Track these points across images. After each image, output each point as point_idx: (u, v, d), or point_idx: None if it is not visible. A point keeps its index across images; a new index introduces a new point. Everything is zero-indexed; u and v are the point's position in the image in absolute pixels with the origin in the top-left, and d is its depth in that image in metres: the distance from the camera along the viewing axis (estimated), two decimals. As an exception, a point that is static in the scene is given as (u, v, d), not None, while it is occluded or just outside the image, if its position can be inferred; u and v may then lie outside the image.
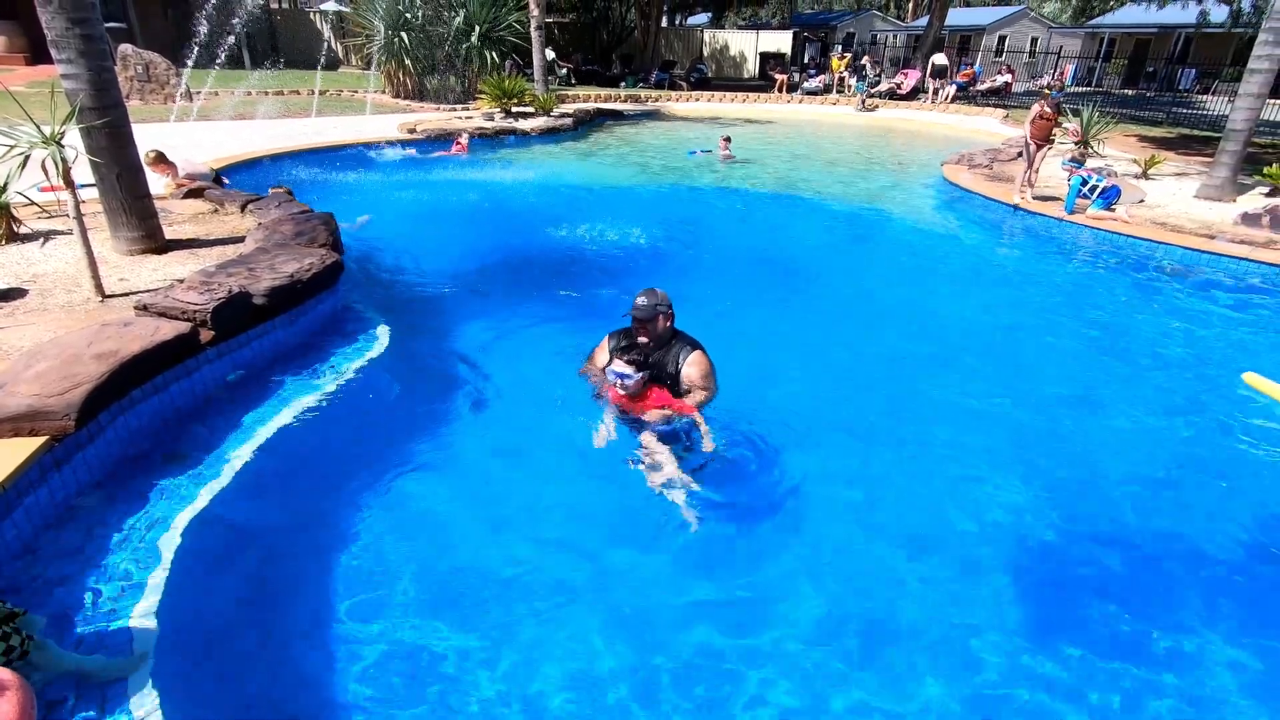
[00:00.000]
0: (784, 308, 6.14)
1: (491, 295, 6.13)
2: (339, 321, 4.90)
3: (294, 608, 2.78)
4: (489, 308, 5.80)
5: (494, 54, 17.42)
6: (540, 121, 14.81)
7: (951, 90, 21.26)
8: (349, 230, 6.73)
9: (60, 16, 4.51)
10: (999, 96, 22.45)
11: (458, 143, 12.22)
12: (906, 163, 13.97)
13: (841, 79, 23.35)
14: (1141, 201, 9.52)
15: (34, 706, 1.22)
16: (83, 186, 4.47)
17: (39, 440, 2.86)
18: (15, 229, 5.31)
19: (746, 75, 30.68)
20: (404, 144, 12.11)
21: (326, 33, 25.48)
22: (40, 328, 3.93)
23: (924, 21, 27.69)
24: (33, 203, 5.27)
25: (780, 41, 30.48)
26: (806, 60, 28.83)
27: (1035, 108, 9.31)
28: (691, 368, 3.61)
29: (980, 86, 23.19)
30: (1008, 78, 23.42)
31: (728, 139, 12.77)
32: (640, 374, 3.42)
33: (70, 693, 2.10)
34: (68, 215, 4.27)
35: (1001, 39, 31.91)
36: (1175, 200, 9.75)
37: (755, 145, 15.05)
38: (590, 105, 18.63)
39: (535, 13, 17.38)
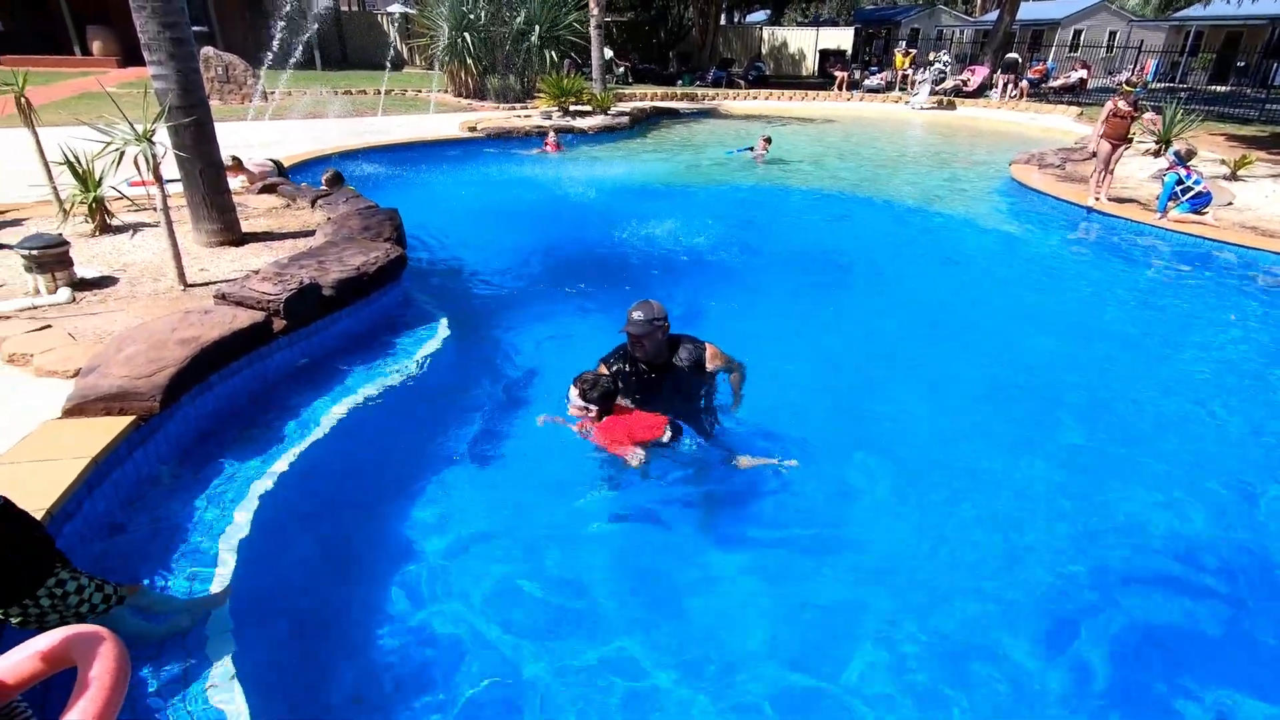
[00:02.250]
0: (836, 314, 5.97)
1: (546, 291, 6.21)
2: (401, 313, 5.04)
3: (353, 580, 2.88)
4: (543, 303, 5.88)
5: (553, 53, 17.65)
6: (597, 120, 14.92)
7: (1023, 86, 20.46)
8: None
9: (153, 21, 4.77)
10: (1073, 93, 21.51)
11: (548, 141, 12.39)
12: (972, 162, 13.51)
13: (905, 76, 22.74)
14: (1230, 204, 8.97)
15: (129, 662, 1.29)
16: (168, 182, 4.72)
17: (127, 419, 3.04)
18: (108, 221, 5.64)
19: (805, 73, 30.21)
20: (487, 141, 12.39)
21: (392, 34, 26.24)
22: (129, 314, 4.17)
23: (993, 16, 26.74)
24: (124, 196, 5.60)
25: (841, 38, 29.91)
26: (868, 57, 28.22)
27: (1109, 104, 8.79)
28: (716, 360, 3.57)
29: (1053, 83, 22.26)
30: (1082, 73, 22.40)
31: (768, 139, 12.57)
32: (594, 405, 3.22)
33: (152, 649, 2.22)
34: (155, 209, 4.52)
35: (1077, 33, 30.54)
36: (1269, 203, 9.15)
37: (812, 144, 14.80)
38: (647, 104, 18.67)
39: (595, 12, 17.51)
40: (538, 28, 17.31)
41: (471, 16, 16.81)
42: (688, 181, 11.12)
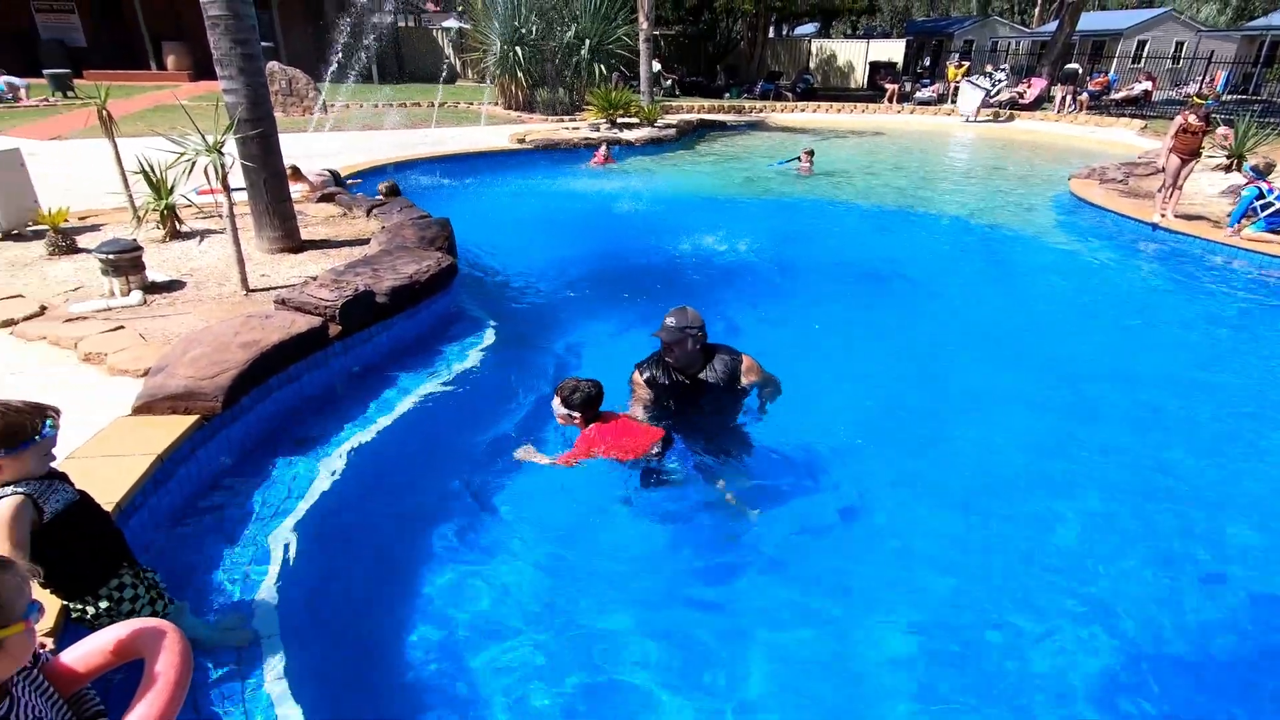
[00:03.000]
0: (881, 331, 5.76)
1: (591, 301, 6.25)
2: (451, 321, 5.14)
3: (404, 583, 2.92)
4: (588, 312, 5.91)
5: (602, 66, 17.87)
6: (644, 132, 15.02)
7: (1083, 99, 19.85)
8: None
9: (226, 38, 5.00)
10: (1136, 106, 20.76)
11: (598, 154, 12.54)
12: (1027, 176, 13.15)
13: (957, 88, 22.31)
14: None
15: (192, 657, 1.33)
16: (234, 190, 4.92)
17: (191, 418, 3.15)
18: (178, 227, 5.91)
19: (854, 85, 29.89)
20: (536, 153, 12.62)
21: (447, 49, 26.96)
22: (194, 316, 4.35)
23: (1051, 27, 26.05)
24: (192, 204, 5.86)
25: (891, 50, 29.53)
26: (920, 69, 27.78)
27: (1179, 119, 8.42)
28: (751, 374, 3.52)
29: (1115, 95, 21.52)
30: (1147, 85, 21.60)
31: (810, 152, 12.46)
32: (577, 412, 3.24)
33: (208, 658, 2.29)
34: (221, 216, 4.72)
35: (1141, 44, 29.50)
36: (1351, 221, 8.62)
37: (860, 157, 14.62)
38: (693, 116, 18.72)
39: (644, 26, 17.68)
40: (588, 41, 17.57)
41: (523, 31, 17.17)
42: (732, 193, 11.09)
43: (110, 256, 4.47)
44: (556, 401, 3.28)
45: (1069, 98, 19.85)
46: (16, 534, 1.74)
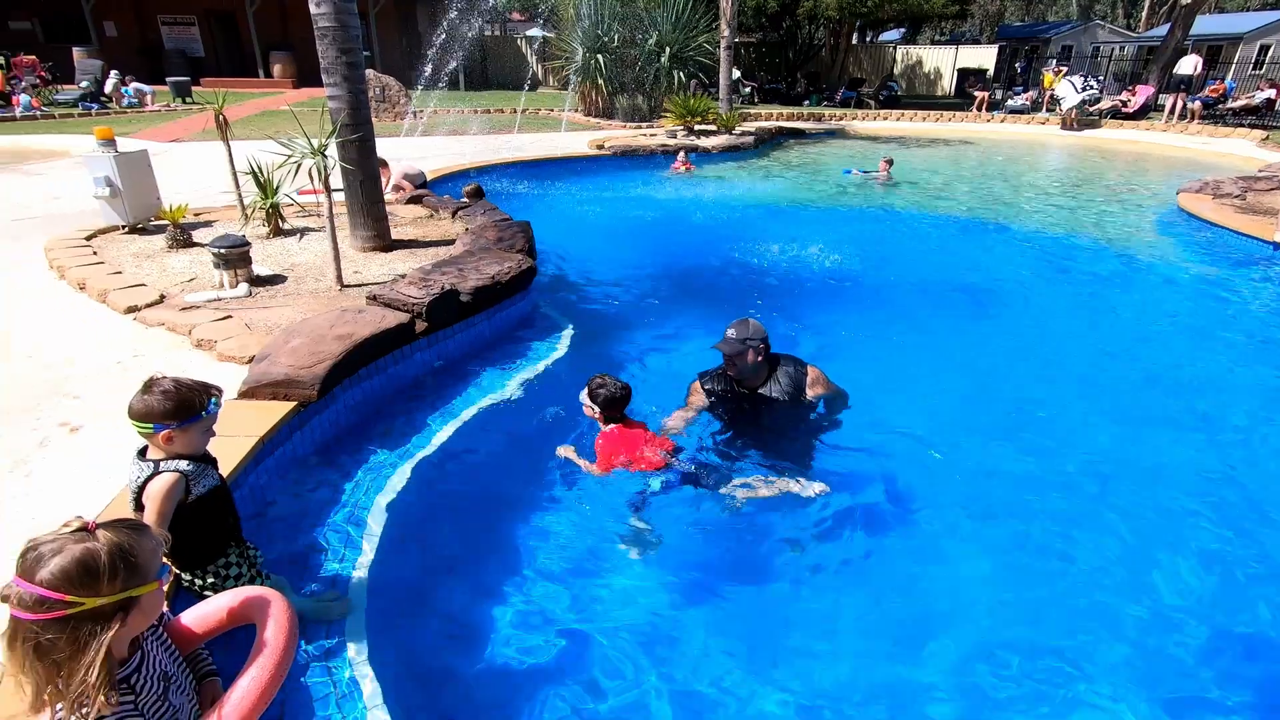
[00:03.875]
0: (959, 352, 5.44)
1: (666, 306, 6.27)
2: (529, 321, 5.27)
3: (481, 571, 3.01)
4: (663, 318, 5.93)
5: (681, 74, 17.97)
6: (721, 139, 14.99)
7: (1194, 108, 18.54)
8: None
9: (333, 47, 5.30)
10: (1257, 115, 19.20)
11: (679, 160, 12.62)
12: (1130, 189, 12.37)
13: (1052, 96, 21.22)
14: None
15: (298, 626, 1.42)
16: (333, 191, 5.20)
17: (290, 405, 3.35)
18: (280, 225, 6.30)
19: (941, 93, 28.95)
20: (614, 159, 12.84)
21: (530, 57, 27.71)
22: (293, 309, 4.62)
23: (1160, 31, 24.48)
24: (294, 203, 6.23)
25: (982, 57, 28.44)
26: (1012, 76, 26.63)
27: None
28: (817, 387, 3.42)
29: (1233, 104, 19.99)
30: (1269, 93, 19.94)
31: (889, 161, 12.10)
32: (596, 408, 3.33)
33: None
34: (319, 215, 5.00)
35: (1264, 49, 27.30)
36: None
37: (945, 167, 14.12)
38: (771, 124, 18.55)
39: (726, 33, 17.67)
40: (668, 49, 17.70)
41: (605, 39, 17.46)
42: (809, 202, 10.91)
43: (222, 251, 4.80)
44: (584, 393, 3.42)
45: (1179, 105, 18.57)
46: (165, 508, 1.91)
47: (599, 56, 17.55)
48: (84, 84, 17.88)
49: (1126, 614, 2.88)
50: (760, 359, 3.37)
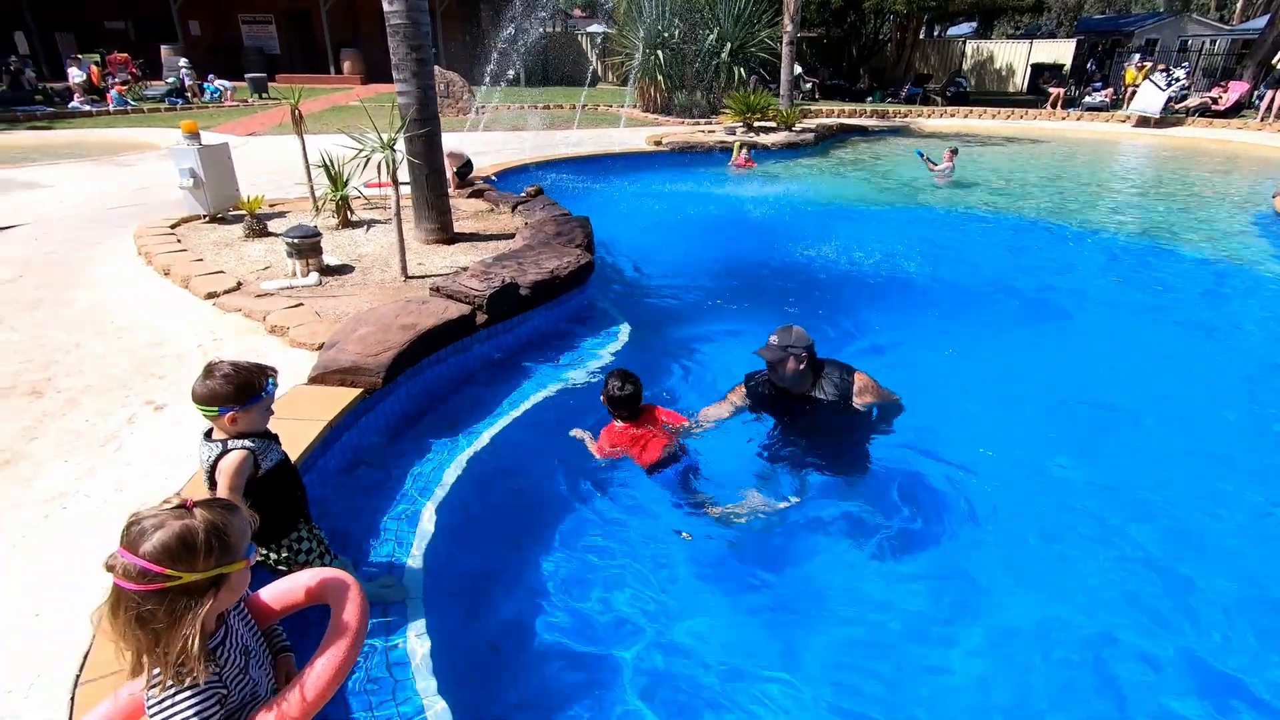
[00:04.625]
0: (1019, 359, 5.23)
1: (721, 303, 6.22)
2: (587, 316, 5.30)
3: (537, 557, 3.06)
4: (719, 315, 5.89)
5: (742, 70, 17.77)
6: (781, 136, 14.76)
7: (1293, 105, 17.29)
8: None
9: (404, 44, 5.43)
10: (1365, 113, 17.79)
11: (739, 157, 12.48)
12: (1219, 191, 11.64)
13: (1134, 91, 20.11)
14: None
15: (369, 609, 1.46)
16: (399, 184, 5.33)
17: (356, 391, 3.46)
18: (349, 217, 6.50)
19: (1013, 89, 27.82)
20: (672, 155, 12.83)
21: (590, 53, 27.87)
22: (360, 299, 4.76)
23: (1257, 24, 22.92)
24: (362, 195, 6.42)
25: (1058, 51, 27.17)
26: (1090, 70, 25.38)
27: None
28: (866, 394, 3.31)
29: (1338, 101, 18.56)
30: (1381, 90, 18.46)
31: (954, 150, 11.67)
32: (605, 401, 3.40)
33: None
34: (386, 208, 5.13)
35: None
36: None
37: (1015, 167, 13.57)
38: (833, 120, 18.18)
39: (788, 28, 17.39)
40: (729, 45, 17.53)
41: (666, 35, 17.41)
42: (870, 200, 10.64)
43: (295, 241, 4.98)
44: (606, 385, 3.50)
45: (1276, 103, 17.35)
46: (237, 482, 1.99)
47: (659, 53, 17.51)
48: (170, 80, 18.88)
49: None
50: (803, 366, 3.28)
